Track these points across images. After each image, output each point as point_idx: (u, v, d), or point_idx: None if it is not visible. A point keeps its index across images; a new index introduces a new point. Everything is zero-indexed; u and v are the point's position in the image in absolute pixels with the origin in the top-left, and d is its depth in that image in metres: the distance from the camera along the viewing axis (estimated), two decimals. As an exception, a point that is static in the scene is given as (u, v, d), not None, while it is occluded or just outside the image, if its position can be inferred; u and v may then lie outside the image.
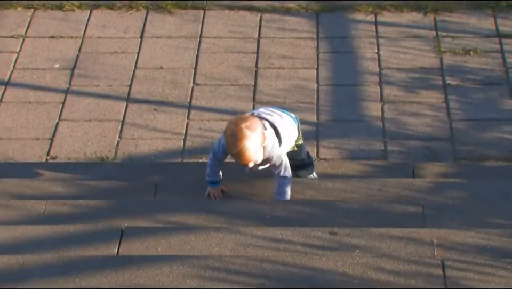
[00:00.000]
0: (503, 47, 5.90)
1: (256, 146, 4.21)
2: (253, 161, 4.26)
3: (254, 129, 4.20)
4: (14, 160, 5.20)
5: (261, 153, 4.27)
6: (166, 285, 3.64)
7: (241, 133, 4.17)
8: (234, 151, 4.20)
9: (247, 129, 4.18)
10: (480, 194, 4.51)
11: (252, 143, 4.18)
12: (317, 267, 3.71)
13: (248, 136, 4.17)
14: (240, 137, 4.16)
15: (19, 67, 5.89)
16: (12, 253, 3.88)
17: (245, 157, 4.21)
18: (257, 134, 4.21)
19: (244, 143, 4.16)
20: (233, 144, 4.19)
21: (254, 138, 4.19)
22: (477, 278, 3.63)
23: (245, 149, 4.18)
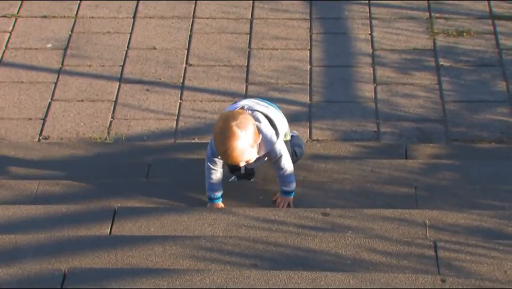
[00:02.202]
0: (496, 28, 5.89)
1: (245, 146, 3.91)
2: (242, 161, 3.98)
3: (245, 127, 3.91)
4: (6, 140, 5.18)
5: (251, 153, 3.97)
6: (158, 265, 3.65)
7: (230, 132, 3.87)
8: (221, 150, 3.92)
9: (237, 127, 3.88)
10: (473, 175, 4.52)
11: (241, 143, 3.89)
12: (309, 248, 3.72)
13: (238, 135, 3.87)
14: (228, 135, 3.87)
15: (11, 47, 5.86)
16: (5, 232, 3.88)
17: (232, 157, 3.92)
18: (248, 133, 3.92)
19: (232, 142, 3.87)
20: (220, 143, 3.91)
21: (244, 138, 3.89)
22: (469, 258, 3.64)
23: (233, 149, 3.88)
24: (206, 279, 3.46)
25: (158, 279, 3.45)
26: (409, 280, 3.44)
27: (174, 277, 3.47)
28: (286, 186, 4.20)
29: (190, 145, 5.09)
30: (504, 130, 5.17)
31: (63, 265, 3.60)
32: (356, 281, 3.44)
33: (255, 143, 3.98)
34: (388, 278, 3.46)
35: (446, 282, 3.41)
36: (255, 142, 3.98)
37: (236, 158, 3.93)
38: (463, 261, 3.64)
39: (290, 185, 4.20)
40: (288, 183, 4.20)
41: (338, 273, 3.49)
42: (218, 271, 3.52)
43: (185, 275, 3.48)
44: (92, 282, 3.46)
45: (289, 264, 3.62)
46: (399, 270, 3.59)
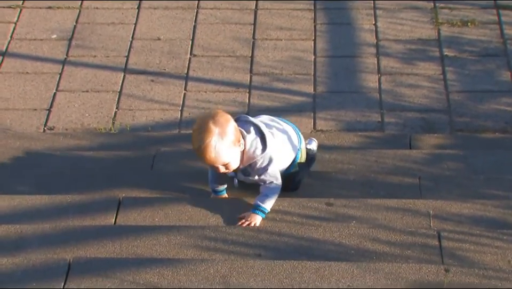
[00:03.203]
0: (501, 18, 5.88)
1: (221, 146, 3.74)
2: (218, 162, 3.80)
3: (221, 124, 3.75)
4: (11, 130, 5.19)
5: (230, 156, 3.79)
6: (163, 255, 3.66)
7: (205, 127, 3.74)
8: (195, 146, 3.77)
9: (212, 124, 3.74)
10: (477, 165, 4.51)
11: (215, 140, 3.73)
12: (313, 238, 3.72)
13: (212, 131, 3.72)
14: (203, 131, 3.74)
15: (16, 38, 5.86)
16: (10, 222, 3.89)
17: (206, 155, 3.75)
18: (226, 131, 3.75)
19: (206, 138, 3.73)
20: (195, 139, 3.77)
21: (220, 136, 3.73)
22: (472, 248, 3.64)
23: (206, 146, 3.73)
24: (210, 268, 3.46)
25: (162, 269, 3.46)
26: (413, 269, 3.45)
27: (179, 266, 3.47)
28: (261, 202, 3.91)
29: (195, 135, 5.09)
30: (508, 120, 5.16)
31: (68, 254, 3.60)
32: (360, 270, 3.44)
33: (234, 145, 3.80)
34: (391, 267, 3.46)
35: (450, 272, 3.41)
36: (234, 144, 3.80)
37: (210, 157, 3.76)
38: (466, 250, 3.64)
39: (265, 203, 3.91)
40: (265, 202, 3.91)
41: (342, 263, 3.49)
42: (223, 261, 3.53)
43: (190, 264, 3.49)
44: (97, 271, 3.46)
45: (293, 254, 3.63)
46: (403, 260, 3.59)
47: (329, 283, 3.38)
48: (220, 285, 3.39)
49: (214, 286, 3.39)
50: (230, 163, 3.83)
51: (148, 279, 3.42)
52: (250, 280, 3.41)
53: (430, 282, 3.39)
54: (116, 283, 3.40)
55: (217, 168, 3.85)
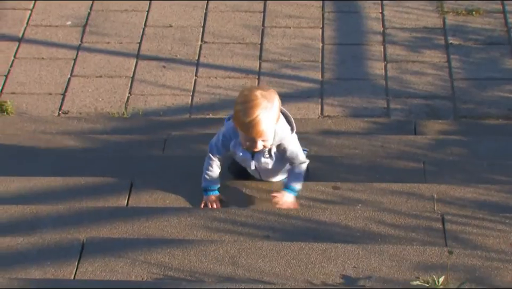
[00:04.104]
0: (505, 7, 5.85)
1: (271, 120, 3.59)
2: (264, 138, 3.62)
3: (271, 100, 3.59)
4: (27, 114, 5.20)
5: (272, 132, 3.64)
6: (173, 235, 3.66)
7: (256, 100, 3.56)
8: (247, 120, 3.55)
9: (263, 97, 3.57)
10: (480, 151, 4.51)
11: (267, 115, 3.56)
12: (320, 220, 3.72)
13: (264, 105, 3.56)
14: (255, 104, 3.55)
15: (32, 24, 5.86)
16: (26, 203, 3.90)
17: (257, 129, 3.56)
18: (274, 106, 3.60)
19: (259, 111, 3.55)
20: (245, 112, 3.55)
21: (269, 110, 3.57)
22: (475, 232, 3.64)
23: (259, 119, 3.54)
24: (220, 249, 3.47)
25: (173, 249, 3.47)
26: (417, 251, 3.44)
27: (189, 247, 3.48)
28: (293, 182, 3.85)
29: (205, 120, 5.09)
30: (511, 107, 5.14)
31: (82, 235, 3.61)
32: (365, 252, 3.44)
33: (278, 121, 3.66)
34: (396, 249, 3.46)
35: (453, 254, 3.40)
36: (278, 120, 3.66)
37: (260, 130, 3.57)
38: (469, 233, 3.63)
39: (298, 184, 3.87)
40: (297, 178, 3.86)
41: (348, 245, 3.49)
42: (232, 242, 3.53)
43: (200, 245, 3.49)
44: (109, 251, 3.47)
45: (301, 236, 3.63)
46: (407, 242, 3.59)
47: (335, 264, 3.39)
48: (229, 265, 3.40)
49: (224, 266, 3.39)
50: (269, 140, 3.67)
51: (159, 259, 3.43)
52: (258, 260, 3.42)
53: (434, 264, 3.38)
54: (128, 263, 3.41)
55: (255, 144, 3.64)
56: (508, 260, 3.39)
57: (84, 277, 3.36)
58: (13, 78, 5.46)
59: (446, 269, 3.34)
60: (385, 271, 3.36)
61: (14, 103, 5.25)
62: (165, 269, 3.39)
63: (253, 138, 3.64)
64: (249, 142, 3.69)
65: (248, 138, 3.65)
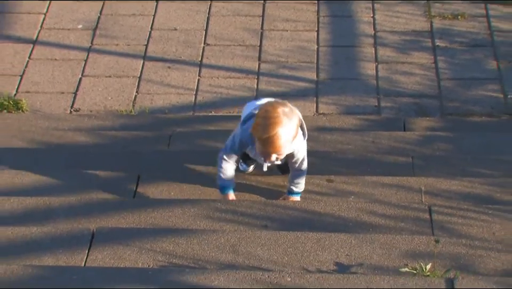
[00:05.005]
0: (489, 12, 5.83)
1: (288, 138, 3.47)
2: (279, 152, 3.52)
3: (292, 117, 3.47)
4: (41, 111, 5.19)
5: (289, 148, 3.55)
6: (178, 225, 3.66)
7: (278, 118, 3.42)
8: (265, 136, 3.43)
9: (284, 115, 3.44)
10: (465, 146, 4.50)
11: (285, 132, 3.44)
12: (315, 211, 3.72)
13: (284, 123, 3.43)
14: (276, 122, 3.42)
15: (46, 27, 5.85)
16: (40, 194, 3.89)
17: (274, 146, 3.46)
18: (293, 124, 3.48)
19: (278, 129, 3.42)
20: (265, 128, 3.43)
21: (289, 128, 3.45)
22: (460, 221, 3.63)
23: (277, 137, 3.43)
24: (221, 238, 3.46)
25: (177, 238, 3.46)
26: (406, 240, 3.44)
27: (192, 236, 3.47)
28: (295, 187, 3.83)
29: (208, 117, 5.09)
30: (494, 105, 5.14)
31: (92, 224, 3.61)
32: (357, 241, 3.43)
33: (295, 138, 3.55)
34: (386, 238, 3.45)
35: (439, 243, 3.40)
36: (295, 137, 3.54)
37: (276, 147, 3.47)
38: (455, 223, 3.63)
39: (300, 186, 3.85)
40: (299, 184, 3.83)
41: (341, 234, 3.49)
42: (232, 231, 3.53)
43: (202, 234, 3.49)
44: (118, 240, 3.46)
45: (297, 226, 3.62)
46: (397, 231, 3.58)
47: (329, 252, 3.38)
48: (229, 253, 3.39)
49: (225, 254, 3.39)
50: (283, 154, 3.58)
51: (164, 247, 3.42)
52: (257, 249, 3.41)
53: (421, 252, 3.38)
54: (135, 251, 3.40)
55: (270, 157, 3.56)
56: (491, 248, 3.39)
57: (93, 264, 3.36)
58: (28, 78, 5.45)
59: (432, 257, 3.34)
60: (376, 258, 3.36)
61: (28, 101, 5.24)
62: (170, 257, 3.38)
63: (268, 152, 3.55)
64: (263, 154, 3.60)
65: (264, 151, 3.56)
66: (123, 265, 3.35)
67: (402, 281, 3.12)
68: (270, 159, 3.60)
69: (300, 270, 3.31)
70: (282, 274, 3.17)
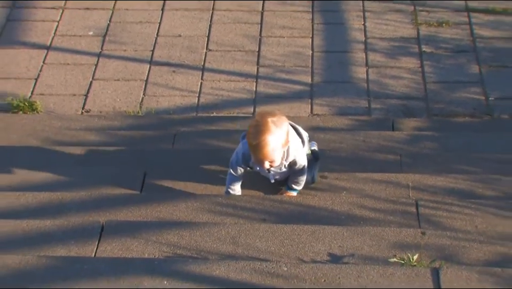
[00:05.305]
0: (471, 20, 5.82)
1: (277, 144, 3.48)
2: (270, 159, 3.53)
3: (280, 126, 3.48)
4: (54, 112, 5.17)
5: (279, 155, 3.55)
6: (182, 218, 3.65)
7: (266, 126, 3.45)
8: (254, 142, 3.47)
9: (272, 124, 3.46)
10: (449, 145, 4.49)
11: (274, 139, 3.46)
12: (310, 205, 3.70)
13: (272, 130, 3.45)
14: (263, 129, 3.45)
15: (59, 34, 5.83)
16: (53, 190, 3.88)
17: (263, 152, 3.47)
18: (282, 132, 3.49)
19: (266, 136, 3.44)
20: (254, 135, 3.47)
21: (277, 135, 3.47)
22: (445, 215, 3.62)
23: (265, 143, 3.44)
24: (222, 230, 3.45)
25: (181, 230, 3.45)
26: (394, 232, 3.43)
27: (195, 228, 3.46)
28: (295, 185, 3.82)
29: (210, 118, 5.07)
30: (476, 107, 5.13)
31: (101, 218, 3.59)
32: (349, 233, 3.42)
33: (286, 145, 3.57)
34: (376, 230, 3.44)
35: (426, 235, 3.39)
36: (286, 144, 3.56)
37: (266, 153, 3.48)
38: (440, 216, 3.62)
39: (299, 185, 3.84)
40: (298, 183, 3.82)
41: (334, 227, 3.47)
42: (233, 224, 3.51)
43: (204, 227, 3.47)
44: (126, 232, 3.45)
45: (293, 219, 3.61)
46: (386, 224, 3.57)
47: (323, 243, 3.37)
48: (230, 245, 3.38)
49: (225, 245, 3.37)
50: (276, 161, 3.57)
51: (168, 239, 3.41)
52: (256, 240, 3.40)
53: (409, 243, 3.37)
54: (141, 243, 3.39)
55: (263, 164, 3.57)
56: (473, 240, 3.38)
57: (103, 255, 3.34)
58: (42, 81, 5.44)
59: (419, 248, 3.33)
60: (366, 249, 3.34)
61: (42, 103, 5.23)
62: (174, 248, 3.37)
63: (260, 159, 3.55)
64: (257, 162, 3.61)
65: (256, 158, 3.58)
66: (130, 256, 3.34)
67: (391, 270, 3.11)
68: (263, 166, 3.59)
69: (296, 260, 3.30)
70: (279, 264, 3.16)
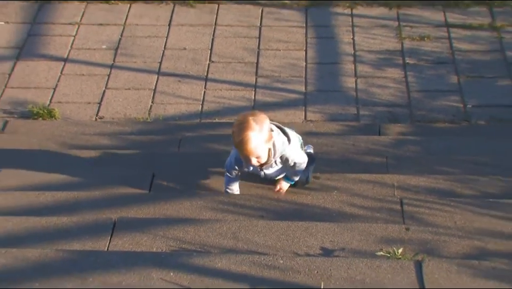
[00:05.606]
0: (450, 34, 5.83)
1: (259, 140, 3.46)
2: (255, 155, 3.51)
3: (261, 123, 3.46)
4: (71, 118, 5.17)
5: (263, 150, 3.52)
6: (187, 215, 3.64)
7: (247, 123, 3.44)
8: (238, 140, 3.46)
9: (253, 121, 3.44)
10: (431, 148, 4.49)
11: (255, 135, 3.44)
12: (304, 203, 3.70)
13: (253, 127, 3.43)
14: (245, 126, 3.44)
15: (75, 48, 5.83)
16: (69, 190, 3.88)
17: (246, 147, 3.45)
18: (263, 129, 3.46)
19: (247, 132, 3.43)
20: (237, 133, 3.46)
21: (258, 132, 3.45)
22: (427, 212, 3.62)
23: (247, 139, 3.43)
24: (224, 226, 3.45)
25: (186, 226, 3.45)
26: (381, 228, 3.43)
27: (199, 225, 3.46)
28: (290, 176, 3.78)
29: (212, 124, 5.07)
30: (455, 113, 5.13)
31: (114, 215, 3.59)
32: (340, 229, 3.42)
33: (269, 141, 3.53)
34: (364, 226, 3.44)
35: (409, 230, 3.39)
36: (269, 140, 3.52)
37: (249, 149, 3.46)
38: (422, 213, 3.62)
39: (295, 177, 3.80)
40: (296, 174, 3.78)
41: (326, 223, 3.47)
42: (233, 221, 3.51)
43: (208, 223, 3.47)
44: (135, 228, 3.45)
45: (288, 216, 3.61)
46: (373, 221, 3.57)
47: (316, 238, 3.37)
48: (231, 239, 3.38)
49: (226, 240, 3.37)
50: (261, 157, 3.55)
51: (175, 234, 3.40)
52: (254, 235, 3.40)
53: (394, 238, 3.37)
54: (150, 238, 3.39)
55: (250, 160, 3.54)
56: (453, 235, 3.38)
57: (115, 249, 3.34)
58: (60, 90, 5.44)
59: (404, 242, 3.33)
60: (355, 244, 3.34)
61: (60, 110, 5.23)
62: (180, 242, 3.37)
63: (245, 155, 3.52)
64: (244, 159, 3.58)
65: (242, 155, 3.55)
66: (140, 250, 3.33)
67: (378, 263, 3.11)
68: (251, 162, 3.56)
69: (291, 253, 3.30)
70: (276, 257, 3.16)
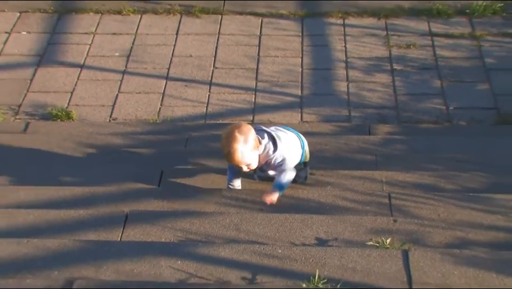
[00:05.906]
0: (434, 43, 5.82)
1: (245, 150, 3.44)
2: (243, 163, 3.50)
3: (245, 134, 3.44)
4: (86, 120, 5.17)
5: (251, 158, 3.50)
6: (193, 209, 3.64)
7: (232, 136, 3.43)
8: (225, 151, 3.46)
9: (238, 133, 3.43)
10: (416, 147, 4.49)
11: (240, 146, 3.42)
12: (299, 197, 3.70)
13: (238, 139, 3.41)
14: (230, 139, 3.43)
15: (90, 55, 5.83)
16: (86, 185, 3.87)
17: (233, 158, 3.45)
18: (248, 139, 3.44)
19: (233, 144, 3.42)
20: (225, 146, 3.46)
21: (243, 143, 3.43)
22: (413, 205, 3.62)
23: (233, 150, 3.42)
24: (226, 219, 3.44)
25: (192, 219, 3.45)
26: (371, 220, 3.43)
27: (204, 217, 3.46)
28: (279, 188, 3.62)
29: (216, 124, 5.06)
30: (438, 115, 5.12)
31: (126, 208, 3.58)
32: (333, 221, 3.42)
33: (254, 150, 3.49)
34: (355, 218, 3.44)
35: (397, 222, 3.39)
36: (254, 149, 3.49)
37: (236, 158, 3.45)
38: (409, 207, 3.61)
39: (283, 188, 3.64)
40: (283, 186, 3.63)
41: (321, 215, 3.47)
42: (235, 213, 3.51)
43: (212, 216, 3.47)
44: (146, 220, 3.45)
45: (286, 209, 3.61)
46: (364, 213, 3.57)
47: (311, 229, 3.36)
48: (233, 231, 3.37)
49: (229, 231, 3.37)
50: (251, 164, 3.54)
51: (181, 226, 3.40)
52: (255, 227, 3.39)
53: (383, 229, 3.36)
54: (159, 229, 3.39)
55: (241, 168, 3.55)
56: (437, 226, 3.38)
57: (127, 239, 3.34)
58: (77, 94, 5.43)
59: (392, 233, 3.33)
60: (347, 234, 3.34)
61: (77, 112, 5.22)
62: (187, 233, 3.37)
63: (234, 164, 3.52)
64: (236, 167, 3.57)
65: (232, 164, 3.55)
66: (150, 240, 3.33)
67: (368, 252, 3.11)
68: (242, 169, 3.54)
69: (288, 243, 3.30)
70: (275, 247, 3.16)
